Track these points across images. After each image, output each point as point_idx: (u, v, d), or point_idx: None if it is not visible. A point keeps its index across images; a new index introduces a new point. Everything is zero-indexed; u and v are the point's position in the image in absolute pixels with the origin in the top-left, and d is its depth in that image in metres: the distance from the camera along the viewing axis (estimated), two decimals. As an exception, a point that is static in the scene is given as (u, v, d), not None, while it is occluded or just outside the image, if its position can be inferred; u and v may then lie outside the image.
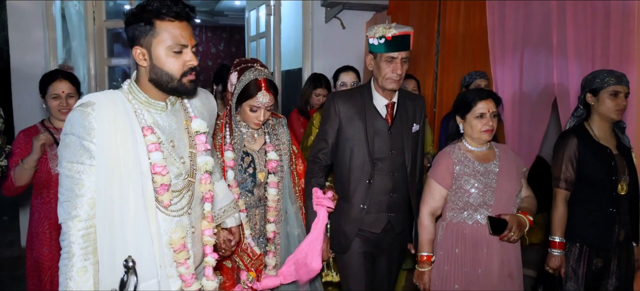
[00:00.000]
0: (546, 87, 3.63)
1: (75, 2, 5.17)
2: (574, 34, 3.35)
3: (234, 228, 2.37)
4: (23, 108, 4.60)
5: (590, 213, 2.72)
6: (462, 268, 2.59)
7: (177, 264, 1.83)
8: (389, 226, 2.66)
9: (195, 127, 1.92)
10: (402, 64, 2.49)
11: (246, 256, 2.57)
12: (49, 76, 2.92)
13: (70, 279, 1.61)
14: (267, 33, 5.78)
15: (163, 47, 1.70)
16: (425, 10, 4.91)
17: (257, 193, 2.61)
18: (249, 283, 2.52)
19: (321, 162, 2.64)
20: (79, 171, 1.63)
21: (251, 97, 2.45)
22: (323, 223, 2.57)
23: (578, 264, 2.73)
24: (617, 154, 2.72)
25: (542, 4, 3.59)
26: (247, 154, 2.60)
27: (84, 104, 1.66)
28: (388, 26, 2.46)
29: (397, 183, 2.62)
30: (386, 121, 2.60)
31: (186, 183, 1.87)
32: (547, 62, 3.60)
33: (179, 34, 1.70)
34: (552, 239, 2.74)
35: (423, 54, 4.94)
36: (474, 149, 2.64)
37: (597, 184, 2.70)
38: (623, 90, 2.65)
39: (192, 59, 1.75)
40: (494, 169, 2.59)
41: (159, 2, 1.68)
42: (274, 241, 2.62)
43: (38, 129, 2.90)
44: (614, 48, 3.14)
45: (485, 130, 2.56)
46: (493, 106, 2.56)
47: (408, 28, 2.46)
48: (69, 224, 1.63)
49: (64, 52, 5.07)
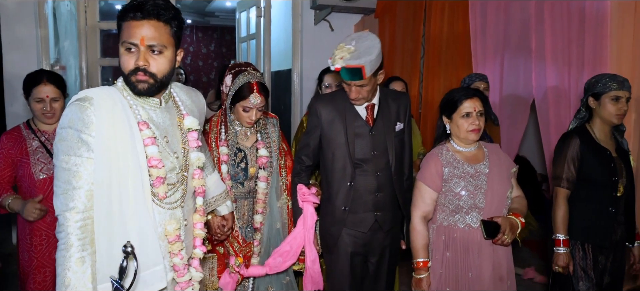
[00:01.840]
0: (525, 90, 3.70)
1: (67, 1, 5.20)
2: (551, 39, 3.43)
3: (227, 215, 2.54)
4: (16, 107, 4.62)
5: (591, 212, 2.74)
6: (454, 271, 2.54)
7: (171, 254, 1.89)
8: (376, 225, 2.69)
9: (187, 125, 1.99)
10: (357, 89, 2.49)
11: (236, 243, 2.75)
12: (33, 77, 2.78)
13: (68, 269, 1.61)
14: (258, 34, 5.87)
15: (120, 44, 1.74)
16: (411, 13, 4.97)
17: (247, 186, 2.78)
18: (236, 268, 2.69)
19: (304, 163, 2.77)
20: (77, 163, 1.65)
21: (244, 98, 2.62)
22: (312, 219, 2.70)
23: (585, 262, 2.74)
24: (616, 157, 2.75)
25: (521, 9, 3.68)
26: (240, 150, 2.77)
27: (82, 99, 1.69)
28: (340, 54, 2.41)
29: (382, 182, 2.66)
30: (367, 122, 2.64)
31: (180, 177, 1.93)
32: (526, 65, 3.68)
33: (130, 32, 1.71)
34: (556, 237, 2.74)
35: (409, 56, 5.01)
36: (462, 150, 2.57)
37: (597, 184, 2.72)
38: (624, 95, 2.66)
39: (140, 59, 1.72)
40: (484, 170, 2.53)
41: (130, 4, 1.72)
42: (260, 230, 2.80)
43: (21, 131, 2.80)
44: (588, 52, 3.21)
45: (472, 129, 2.48)
46: (479, 104, 2.49)
47: (359, 61, 2.36)
48: (66, 215, 1.64)
49: (56, 52, 5.07)
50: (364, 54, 2.37)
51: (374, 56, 2.38)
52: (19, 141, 2.76)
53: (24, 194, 2.76)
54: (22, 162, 2.73)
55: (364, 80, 2.42)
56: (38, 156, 2.74)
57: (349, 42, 2.43)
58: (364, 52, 2.37)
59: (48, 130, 2.82)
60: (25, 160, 2.72)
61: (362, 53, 2.37)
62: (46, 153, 2.75)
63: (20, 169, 2.73)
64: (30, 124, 2.85)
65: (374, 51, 2.38)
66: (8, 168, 2.74)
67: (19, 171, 2.74)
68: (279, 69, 6.26)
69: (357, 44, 2.41)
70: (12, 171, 2.75)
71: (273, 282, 2.89)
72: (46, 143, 2.78)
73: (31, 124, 2.84)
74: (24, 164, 2.72)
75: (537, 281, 4.55)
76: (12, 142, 2.75)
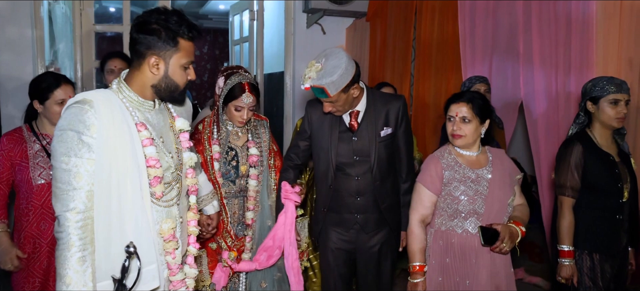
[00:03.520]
0: (513, 92, 3.73)
1: (62, 4, 5.22)
2: (538, 42, 3.46)
3: (213, 215, 2.66)
4: (10, 108, 4.60)
5: (597, 220, 2.66)
6: (453, 278, 2.49)
7: (165, 253, 1.93)
8: (358, 226, 2.79)
9: (179, 126, 2.08)
10: (327, 104, 2.54)
11: (229, 238, 2.85)
12: (54, 81, 2.72)
13: (69, 268, 1.65)
14: (251, 37, 5.92)
15: (179, 62, 1.88)
16: (402, 16, 5.00)
17: (238, 184, 2.89)
18: (229, 262, 2.78)
19: (292, 161, 2.89)
20: (77, 164, 1.69)
21: (236, 98, 2.74)
22: (292, 216, 2.78)
23: (593, 273, 2.66)
24: (619, 162, 2.68)
25: (509, 13, 3.72)
26: (231, 148, 2.88)
27: (81, 101, 1.74)
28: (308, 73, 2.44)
29: (362, 187, 2.73)
30: (351, 128, 2.70)
31: (175, 176, 1.99)
32: (514, 68, 3.71)
33: (191, 53, 1.90)
34: (561, 248, 2.67)
35: (400, 59, 5.05)
36: (464, 153, 2.53)
37: (602, 191, 2.64)
38: (623, 98, 2.60)
39: (192, 74, 1.97)
40: (486, 176, 2.48)
41: (179, 21, 1.84)
42: (252, 227, 2.90)
43: (22, 133, 2.74)
44: (575, 54, 3.24)
45: (452, 134, 2.49)
46: (465, 109, 2.44)
47: (321, 82, 2.39)
48: (67, 216, 1.67)
49: (51, 54, 5.08)
50: (326, 74, 2.39)
51: (336, 77, 2.38)
52: (20, 143, 2.71)
53: (21, 198, 2.73)
54: (21, 165, 2.68)
55: (331, 97, 2.46)
56: (38, 160, 2.69)
57: (319, 60, 2.47)
58: (327, 72, 2.39)
59: (51, 134, 2.74)
60: (24, 163, 2.68)
61: (325, 73, 2.39)
62: (46, 157, 2.71)
63: (19, 173, 2.69)
64: (32, 126, 2.79)
65: (336, 72, 2.38)
66: (7, 170, 2.69)
67: (18, 174, 2.69)
68: (271, 72, 6.30)
69: (325, 62, 2.43)
70: (11, 174, 2.70)
71: (266, 277, 2.98)
72: (47, 147, 2.73)
73: (34, 127, 2.79)
74: (23, 167, 2.68)
75: (526, 281, 4.61)
76: (12, 143, 2.70)
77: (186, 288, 2.05)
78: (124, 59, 3.86)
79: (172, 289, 2.00)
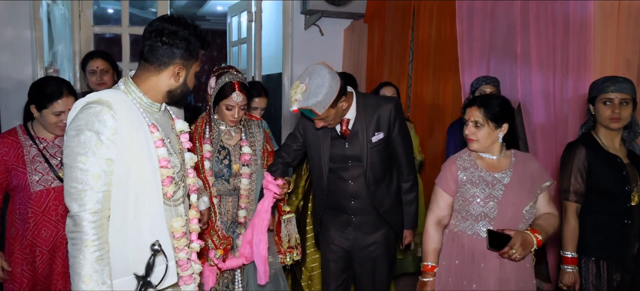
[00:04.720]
0: (511, 94, 3.70)
1: (61, 5, 5.22)
2: (536, 44, 3.47)
3: (203, 211, 2.67)
4: (9, 109, 4.60)
5: (604, 225, 2.56)
6: (461, 281, 2.44)
7: (176, 250, 1.98)
8: (354, 227, 2.85)
9: (179, 128, 2.12)
10: (318, 121, 2.55)
11: (216, 236, 2.88)
12: (58, 90, 2.59)
13: (88, 267, 1.66)
14: (248, 39, 5.94)
15: (194, 71, 1.98)
16: (400, 17, 5.02)
17: (232, 182, 2.93)
18: (215, 260, 2.82)
19: (282, 158, 2.95)
20: (95, 164, 1.69)
21: (226, 97, 2.79)
22: (268, 205, 2.81)
23: (598, 281, 2.56)
24: (628, 164, 2.58)
25: (507, 14, 3.73)
26: (223, 147, 2.92)
27: (98, 102, 1.74)
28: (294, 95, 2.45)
29: (355, 190, 2.78)
30: (343, 135, 2.72)
31: (181, 176, 2.04)
32: (512, 69, 3.73)
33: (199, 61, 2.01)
34: (564, 254, 2.59)
35: (398, 60, 5.07)
36: (483, 156, 2.47)
37: (608, 194, 2.55)
38: (617, 97, 2.50)
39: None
40: (503, 179, 2.39)
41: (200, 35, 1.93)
42: (244, 225, 2.95)
43: (18, 136, 2.63)
44: (572, 57, 3.24)
45: (466, 138, 2.45)
46: (477, 114, 2.39)
47: (307, 104, 2.40)
48: (84, 216, 1.68)
49: (50, 55, 5.09)
50: (312, 95, 2.39)
51: (321, 97, 2.38)
52: (15, 147, 2.60)
53: (17, 204, 2.63)
54: (17, 170, 2.58)
55: (320, 115, 2.47)
56: (36, 166, 2.60)
57: (303, 80, 2.46)
58: (312, 92, 2.40)
59: (48, 137, 2.69)
60: (20, 168, 2.58)
61: (311, 94, 2.40)
62: (45, 163, 2.63)
63: (15, 178, 2.57)
64: (28, 128, 2.68)
65: (320, 91, 2.38)
66: (1, 174, 2.59)
67: (13, 180, 2.58)
68: (269, 73, 6.31)
69: (310, 81, 2.43)
70: (5, 178, 2.60)
71: None
72: (45, 152, 2.65)
73: (30, 129, 2.68)
74: (20, 173, 2.57)
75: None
76: (7, 147, 2.59)
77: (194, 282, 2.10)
78: (105, 58, 3.76)
79: (182, 284, 2.05)
